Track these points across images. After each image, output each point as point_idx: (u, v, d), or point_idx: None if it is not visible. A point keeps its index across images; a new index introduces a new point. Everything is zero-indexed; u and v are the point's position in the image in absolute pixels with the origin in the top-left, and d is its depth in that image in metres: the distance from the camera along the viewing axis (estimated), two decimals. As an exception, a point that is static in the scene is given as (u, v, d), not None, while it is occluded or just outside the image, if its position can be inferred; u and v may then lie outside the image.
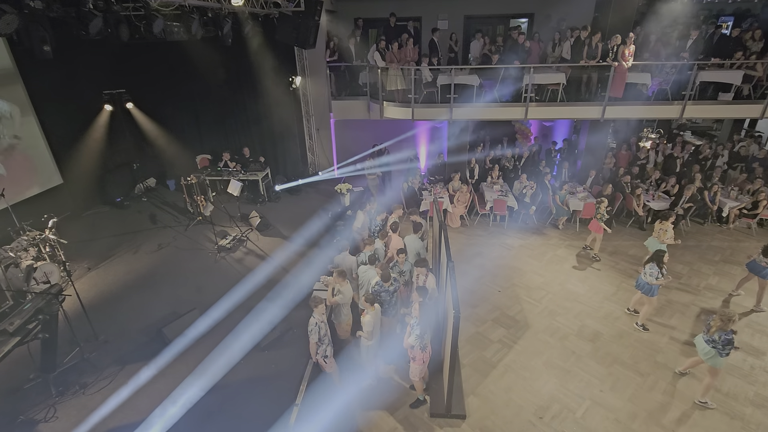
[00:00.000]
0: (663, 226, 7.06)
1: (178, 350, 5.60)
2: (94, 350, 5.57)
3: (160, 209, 10.13)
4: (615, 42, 8.64)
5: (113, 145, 10.30)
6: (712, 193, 9.36)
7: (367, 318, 4.85)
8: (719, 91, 9.04)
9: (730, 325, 4.60)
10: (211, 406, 4.81)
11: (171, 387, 5.04)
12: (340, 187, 10.40)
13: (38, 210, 7.71)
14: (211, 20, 7.25)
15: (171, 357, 5.49)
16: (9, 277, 6.31)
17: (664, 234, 7.03)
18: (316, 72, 11.01)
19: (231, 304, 6.55)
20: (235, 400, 4.90)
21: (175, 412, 4.70)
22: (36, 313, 4.63)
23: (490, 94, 9.57)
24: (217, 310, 6.38)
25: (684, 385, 5.36)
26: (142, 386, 5.06)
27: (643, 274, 6.10)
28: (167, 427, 4.54)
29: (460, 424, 4.88)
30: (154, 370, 5.28)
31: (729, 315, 4.60)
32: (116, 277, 7.35)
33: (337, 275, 5.24)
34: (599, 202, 7.98)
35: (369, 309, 4.86)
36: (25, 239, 6.76)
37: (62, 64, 8.16)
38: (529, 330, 6.41)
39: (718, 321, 4.66)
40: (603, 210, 7.85)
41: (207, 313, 6.23)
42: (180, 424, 4.58)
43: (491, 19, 11.95)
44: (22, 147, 8.28)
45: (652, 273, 5.94)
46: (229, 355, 5.52)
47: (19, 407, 4.74)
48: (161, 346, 5.63)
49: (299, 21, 8.57)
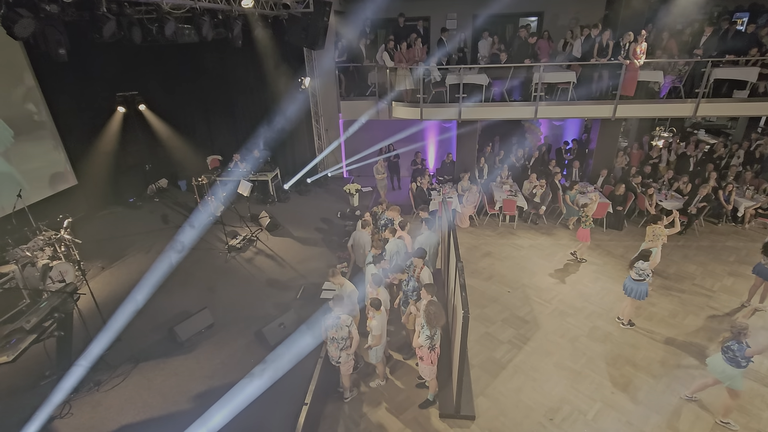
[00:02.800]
0: (656, 230, 6.61)
1: (189, 348, 5.67)
2: (107, 348, 5.65)
3: (171, 210, 10.27)
4: (627, 39, 8.53)
5: (126, 147, 10.46)
6: (727, 192, 9.19)
7: (374, 322, 4.85)
8: (734, 89, 8.87)
9: (743, 337, 4.42)
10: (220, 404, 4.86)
11: (182, 385, 5.11)
12: (348, 187, 10.43)
13: (54, 210, 7.88)
14: (222, 22, 7.31)
15: (182, 355, 5.57)
16: (26, 276, 6.45)
17: (657, 238, 6.57)
18: (325, 73, 11.06)
19: (241, 302, 6.63)
20: (245, 399, 4.93)
21: (185, 410, 4.76)
22: (52, 311, 4.72)
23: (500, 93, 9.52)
24: (227, 309, 6.46)
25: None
26: (155, 384, 5.13)
27: (634, 273, 5.94)
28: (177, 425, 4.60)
29: (470, 425, 4.86)
30: (165, 369, 5.36)
31: (740, 326, 4.43)
32: (129, 276, 7.47)
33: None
34: (583, 206, 7.87)
35: (375, 313, 4.87)
36: (41, 239, 6.89)
37: (77, 67, 8.34)
38: (539, 331, 6.36)
39: (728, 334, 4.52)
40: (588, 214, 7.66)
41: (217, 312, 6.30)
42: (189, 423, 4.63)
43: (500, 18, 11.88)
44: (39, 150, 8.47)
45: (643, 269, 5.82)
46: (239, 354, 5.58)
47: (36, 403, 4.83)
48: (173, 344, 5.71)
49: (308, 22, 8.62)
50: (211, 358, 5.52)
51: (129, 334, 5.97)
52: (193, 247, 8.31)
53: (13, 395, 4.97)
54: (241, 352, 5.63)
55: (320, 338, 5.19)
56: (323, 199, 10.90)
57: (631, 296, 6.04)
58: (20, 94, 8.15)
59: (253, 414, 4.69)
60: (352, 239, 6.92)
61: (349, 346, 4.77)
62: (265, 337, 5.59)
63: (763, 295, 6.57)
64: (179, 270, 7.60)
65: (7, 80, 7.87)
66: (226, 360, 5.49)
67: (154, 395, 4.98)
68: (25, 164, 8.18)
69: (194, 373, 5.29)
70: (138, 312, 6.44)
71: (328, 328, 4.71)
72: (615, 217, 9.27)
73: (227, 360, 5.49)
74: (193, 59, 10.16)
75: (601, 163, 10.48)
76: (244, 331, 5.98)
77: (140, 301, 6.49)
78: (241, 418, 4.65)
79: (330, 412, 5.07)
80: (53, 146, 8.84)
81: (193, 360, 5.51)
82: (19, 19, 4.36)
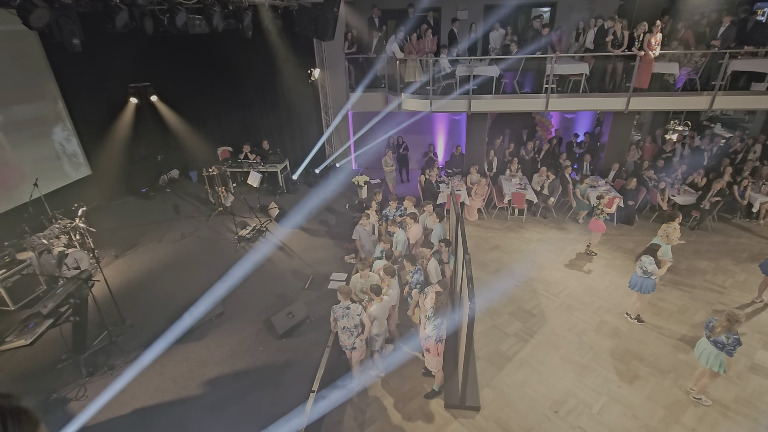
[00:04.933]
0: (671, 227, 6.47)
1: (199, 336, 5.79)
2: (121, 334, 5.81)
3: (183, 200, 10.41)
4: (641, 30, 8.35)
5: (138, 138, 10.60)
6: (742, 187, 9.00)
7: (372, 308, 4.90)
8: (752, 81, 8.64)
9: (736, 327, 4.43)
10: (230, 390, 4.97)
11: (193, 371, 5.23)
12: (357, 179, 10.45)
13: (69, 199, 8.05)
14: (232, 13, 7.33)
15: (193, 342, 5.69)
16: (42, 263, 6.63)
17: (674, 234, 6.44)
18: (335, 64, 11.02)
19: (250, 291, 6.73)
20: (254, 385, 5.04)
21: (196, 395, 4.88)
22: (67, 297, 4.85)
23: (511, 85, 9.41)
24: (236, 298, 6.56)
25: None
26: (167, 369, 5.26)
27: (639, 268, 5.89)
28: (188, 409, 4.72)
29: (475, 415, 4.91)
30: (177, 355, 5.48)
31: (736, 316, 4.41)
32: (142, 264, 7.62)
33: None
34: (599, 198, 7.77)
35: (376, 300, 4.92)
36: (57, 227, 7.06)
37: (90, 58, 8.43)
38: (546, 324, 6.35)
39: (724, 321, 4.47)
40: (602, 207, 7.59)
41: (227, 301, 6.41)
42: (200, 408, 4.75)
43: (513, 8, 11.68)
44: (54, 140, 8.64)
45: (650, 261, 5.75)
46: (248, 341, 5.68)
47: (53, 385, 5.00)
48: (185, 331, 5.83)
49: (318, 13, 8.59)
50: (221, 346, 5.64)
51: (142, 320, 6.12)
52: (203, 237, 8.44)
53: (31, 377, 5.15)
54: (250, 340, 5.73)
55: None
56: (332, 191, 10.94)
57: (637, 290, 6.00)
58: (36, 85, 8.30)
59: (262, 400, 4.79)
60: (356, 233, 6.95)
61: (361, 332, 4.83)
62: (274, 326, 5.68)
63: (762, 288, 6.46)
64: (190, 259, 7.74)
65: (23, 70, 8.02)
66: (235, 347, 5.60)
67: (165, 380, 5.11)
68: (40, 153, 8.35)
69: (205, 359, 5.41)
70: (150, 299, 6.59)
71: (338, 319, 4.77)
72: (626, 211, 9.16)
73: (236, 347, 5.60)
74: (204, 50, 10.21)
75: (613, 156, 10.33)
76: (253, 320, 6.08)
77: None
78: (250, 403, 4.76)
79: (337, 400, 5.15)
80: (67, 136, 9.00)
81: (203, 347, 5.63)
82: (34, 9, 4.42)
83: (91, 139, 9.48)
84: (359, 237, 6.92)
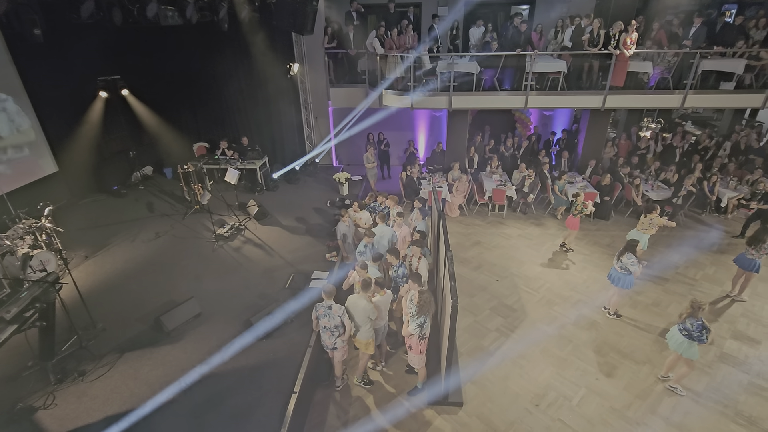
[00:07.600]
0: (650, 218, 6.92)
1: (176, 338, 5.61)
2: (92, 338, 5.56)
3: (157, 198, 10.08)
4: (617, 29, 8.52)
5: (109, 133, 10.20)
6: (711, 183, 9.34)
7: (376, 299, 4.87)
8: (721, 81, 8.95)
9: (699, 313, 4.72)
10: (209, 394, 4.83)
11: (169, 375, 5.06)
12: (338, 176, 10.34)
13: (34, 198, 7.65)
14: (207, 5, 7.12)
15: (169, 345, 5.51)
16: (5, 266, 6.27)
17: (658, 221, 6.93)
18: (314, 59, 10.86)
19: (229, 293, 6.57)
20: (233, 388, 4.91)
21: (173, 400, 4.72)
22: (33, 301, 4.60)
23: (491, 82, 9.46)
24: (214, 298, 6.39)
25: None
26: (141, 374, 5.08)
27: (618, 266, 6.06)
28: (166, 414, 4.57)
29: (458, 411, 4.93)
30: (152, 358, 5.30)
31: (699, 303, 4.72)
32: (114, 265, 7.33)
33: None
34: (575, 196, 7.93)
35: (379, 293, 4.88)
36: (21, 227, 6.69)
37: (56, 49, 8.05)
38: (527, 319, 6.44)
39: (689, 308, 4.79)
40: (580, 205, 7.73)
41: (205, 302, 6.23)
42: (179, 412, 4.60)
43: (492, 5, 11.75)
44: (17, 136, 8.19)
45: (632, 262, 5.91)
46: (227, 343, 5.54)
47: (18, 394, 4.75)
48: (159, 334, 5.64)
49: (297, 6, 8.42)
50: (199, 348, 5.47)
51: (114, 323, 5.89)
52: (179, 236, 8.19)
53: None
54: (229, 341, 5.58)
55: None
56: (313, 188, 10.81)
57: (617, 286, 6.13)
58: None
59: (241, 403, 4.68)
60: (338, 230, 6.88)
61: (342, 333, 4.77)
62: (254, 327, 5.54)
63: (743, 285, 6.72)
64: (165, 259, 7.49)
65: (-19, 62, 7.57)
66: (214, 350, 5.44)
67: (140, 385, 4.93)
68: (1, 150, 7.92)
69: (182, 363, 5.24)
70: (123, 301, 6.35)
71: (320, 317, 4.70)
72: (602, 207, 9.37)
73: (215, 350, 5.44)
74: (177, 43, 9.87)
75: (590, 153, 10.55)
76: (232, 321, 5.93)
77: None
78: (230, 406, 4.64)
79: (320, 400, 5.08)
80: (32, 132, 8.56)
81: (180, 350, 5.46)
82: (-10, -4, 4.16)
83: (58, 134, 9.04)
84: (341, 234, 6.84)
